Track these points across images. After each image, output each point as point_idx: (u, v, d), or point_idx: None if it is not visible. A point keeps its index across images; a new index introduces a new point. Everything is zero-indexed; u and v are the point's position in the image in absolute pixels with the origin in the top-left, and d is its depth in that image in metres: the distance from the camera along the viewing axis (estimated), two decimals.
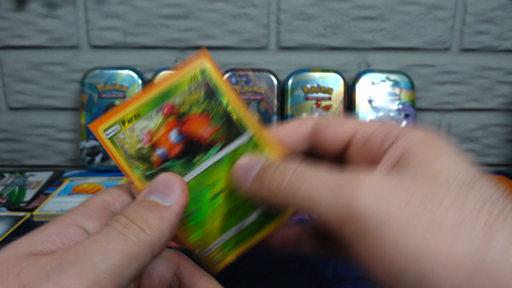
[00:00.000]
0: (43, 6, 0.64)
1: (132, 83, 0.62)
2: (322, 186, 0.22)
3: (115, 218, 0.22)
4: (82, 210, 0.23)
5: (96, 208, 0.24)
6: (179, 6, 0.64)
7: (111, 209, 0.24)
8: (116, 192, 0.25)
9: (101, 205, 0.24)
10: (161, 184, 0.24)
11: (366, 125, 0.26)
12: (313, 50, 0.66)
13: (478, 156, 0.70)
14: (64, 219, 0.22)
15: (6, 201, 0.53)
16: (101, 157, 0.62)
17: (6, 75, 0.66)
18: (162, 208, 0.23)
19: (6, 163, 0.70)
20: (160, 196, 0.23)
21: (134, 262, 0.20)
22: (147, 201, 0.23)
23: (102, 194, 0.25)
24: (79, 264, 0.19)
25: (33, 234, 0.21)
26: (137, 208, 0.22)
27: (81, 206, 0.24)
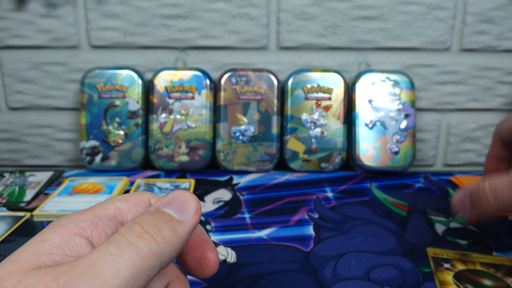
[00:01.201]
0: (43, 6, 0.64)
1: (132, 83, 0.62)
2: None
3: (127, 225, 0.21)
4: (91, 217, 0.23)
5: (105, 217, 0.23)
6: (179, 6, 0.64)
7: (121, 218, 0.24)
8: (133, 202, 0.25)
9: (113, 213, 0.23)
10: (178, 200, 0.24)
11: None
12: (313, 50, 0.66)
13: (478, 156, 0.70)
14: (69, 226, 0.21)
15: (6, 201, 0.53)
16: (101, 157, 0.62)
17: (6, 75, 0.66)
18: (176, 222, 0.22)
19: (6, 163, 0.70)
20: (175, 211, 0.23)
21: (144, 275, 0.20)
22: (162, 212, 0.23)
23: (118, 201, 0.24)
24: (89, 280, 0.18)
25: (37, 245, 0.20)
26: (152, 217, 0.22)
27: (92, 210, 0.23)
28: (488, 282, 0.37)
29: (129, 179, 0.59)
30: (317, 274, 0.39)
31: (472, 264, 0.40)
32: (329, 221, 0.48)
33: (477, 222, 0.38)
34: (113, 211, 0.24)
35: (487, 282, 0.37)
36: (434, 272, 0.39)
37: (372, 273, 0.39)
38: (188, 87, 0.62)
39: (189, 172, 0.63)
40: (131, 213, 0.24)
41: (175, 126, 0.62)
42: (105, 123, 0.62)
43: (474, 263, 0.40)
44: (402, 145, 0.61)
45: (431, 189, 0.57)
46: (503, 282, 0.37)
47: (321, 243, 0.44)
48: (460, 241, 0.44)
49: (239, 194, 0.55)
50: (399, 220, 0.48)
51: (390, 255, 0.42)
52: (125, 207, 0.24)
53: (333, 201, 0.53)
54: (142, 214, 0.23)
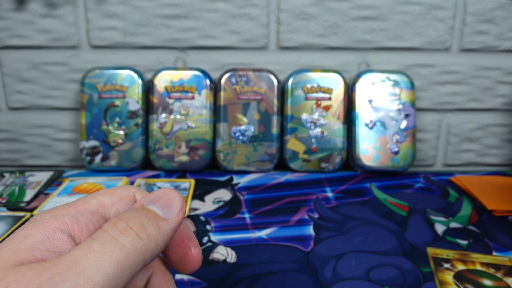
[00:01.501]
0: (43, 6, 0.64)
1: (132, 83, 0.62)
2: None
3: (111, 221, 0.21)
4: (73, 211, 0.22)
5: (87, 211, 0.23)
6: (179, 6, 0.64)
7: (104, 213, 0.24)
8: (117, 196, 0.25)
9: (95, 208, 0.23)
10: (163, 198, 0.24)
11: None
12: (313, 50, 0.66)
13: (478, 156, 0.70)
14: (51, 221, 0.21)
15: (6, 201, 0.53)
16: (101, 157, 0.62)
17: (6, 75, 0.66)
18: (160, 220, 0.22)
19: (6, 163, 0.70)
20: (160, 208, 0.23)
21: (127, 271, 0.20)
22: (147, 209, 0.23)
23: (101, 195, 0.24)
24: (72, 276, 0.18)
25: (18, 241, 0.20)
26: (136, 214, 0.22)
27: (74, 205, 0.23)
28: (488, 282, 0.37)
29: (129, 179, 0.59)
30: (317, 274, 0.39)
31: (472, 264, 0.40)
32: (329, 221, 0.48)
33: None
34: (95, 205, 0.24)
35: (487, 282, 0.37)
36: (434, 272, 0.39)
37: (372, 273, 0.39)
38: (188, 87, 0.62)
39: (189, 172, 0.63)
40: (114, 208, 0.24)
41: (175, 126, 0.62)
42: (105, 123, 0.62)
43: (474, 263, 0.40)
44: (402, 145, 0.61)
45: (431, 189, 0.57)
46: (503, 282, 0.37)
47: (321, 243, 0.44)
48: (460, 241, 0.44)
49: (239, 194, 0.55)
50: (399, 220, 0.48)
51: (390, 255, 0.42)
52: (108, 201, 0.24)
53: (333, 201, 0.53)
54: (127, 211, 0.23)
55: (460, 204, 0.53)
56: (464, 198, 0.54)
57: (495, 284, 0.37)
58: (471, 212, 0.51)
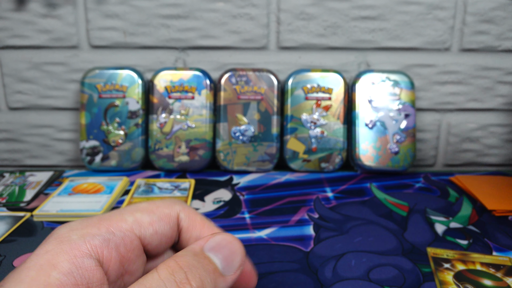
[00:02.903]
0: (43, 6, 0.64)
1: (132, 83, 0.62)
2: None
3: (170, 267, 0.20)
4: (104, 231, 0.21)
5: (121, 231, 0.22)
6: (179, 6, 0.64)
7: (140, 233, 0.22)
8: (157, 215, 0.23)
9: (130, 227, 0.22)
10: (226, 248, 0.22)
11: None
12: (313, 50, 0.66)
13: (478, 156, 0.70)
14: (79, 244, 0.20)
15: (6, 201, 0.53)
16: (101, 157, 0.62)
17: (6, 75, 0.66)
18: (219, 276, 0.21)
19: (6, 163, 0.70)
20: (221, 260, 0.22)
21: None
22: (207, 259, 0.21)
23: (140, 211, 0.23)
24: None
25: (45, 274, 0.19)
26: (197, 264, 0.21)
27: (106, 222, 0.22)
28: (488, 282, 0.37)
29: (129, 179, 0.59)
30: (317, 274, 0.39)
31: (472, 264, 0.40)
32: (329, 221, 0.48)
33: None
34: (131, 224, 0.22)
35: (487, 282, 0.37)
36: (434, 272, 0.39)
37: (372, 273, 0.39)
38: (188, 87, 0.62)
39: (189, 172, 0.63)
40: (152, 228, 0.23)
41: (175, 126, 0.62)
42: (105, 123, 0.62)
43: (474, 263, 0.40)
44: (402, 145, 0.61)
45: (431, 189, 0.57)
46: (503, 282, 0.37)
47: (321, 243, 0.44)
48: (460, 241, 0.44)
49: (239, 194, 0.55)
50: (399, 220, 0.48)
51: (390, 255, 0.42)
52: (146, 220, 0.23)
53: (333, 201, 0.53)
54: (186, 253, 0.21)
55: (460, 204, 0.53)
56: (464, 198, 0.54)
57: (495, 284, 0.37)
58: (471, 212, 0.51)
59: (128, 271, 0.22)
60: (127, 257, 0.22)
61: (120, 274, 0.21)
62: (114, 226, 0.22)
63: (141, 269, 0.23)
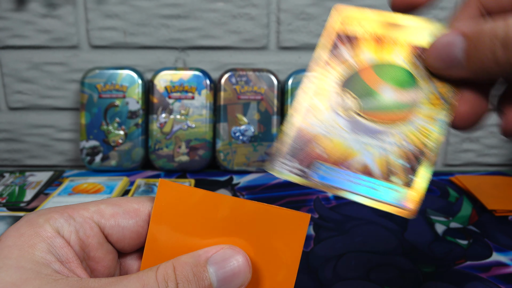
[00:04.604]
0: (43, 6, 0.64)
1: (132, 83, 0.62)
2: None
3: (167, 273, 0.21)
4: (65, 217, 0.22)
5: (81, 217, 0.23)
6: (179, 6, 0.64)
7: (99, 222, 0.23)
8: (124, 208, 0.24)
9: (90, 215, 0.23)
10: (230, 267, 0.22)
11: None
12: (313, 50, 0.66)
13: (478, 156, 0.70)
14: (46, 227, 0.21)
15: (6, 201, 0.53)
16: (101, 157, 0.62)
17: (6, 75, 0.66)
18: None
19: (6, 163, 0.70)
20: (219, 279, 0.21)
21: None
22: (205, 274, 0.21)
23: (105, 203, 0.24)
24: None
25: (28, 252, 0.20)
26: (192, 278, 0.21)
27: (70, 208, 0.23)
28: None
29: (129, 179, 0.59)
30: (317, 274, 0.39)
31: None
32: (329, 221, 0.48)
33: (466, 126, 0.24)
34: (92, 213, 0.23)
35: None
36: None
37: (372, 273, 0.39)
38: (188, 87, 0.62)
39: (189, 172, 0.63)
40: (113, 220, 0.23)
41: (175, 126, 0.62)
42: (105, 123, 0.62)
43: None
44: None
45: (431, 189, 0.57)
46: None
47: (321, 243, 0.44)
48: (460, 241, 0.44)
49: (239, 194, 0.55)
50: (399, 220, 0.48)
51: (390, 255, 0.42)
52: (109, 211, 0.24)
53: (333, 201, 0.53)
54: (188, 261, 0.21)
55: (460, 204, 0.53)
56: (464, 198, 0.54)
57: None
58: (471, 212, 0.51)
59: (91, 257, 0.23)
60: (87, 242, 0.23)
61: (82, 257, 0.22)
62: (75, 213, 0.23)
63: (109, 258, 0.24)
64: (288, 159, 0.24)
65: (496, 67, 0.22)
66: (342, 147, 0.24)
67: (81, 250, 0.22)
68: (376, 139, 0.24)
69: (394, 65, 0.25)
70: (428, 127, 0.23)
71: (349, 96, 0.25)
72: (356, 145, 0.24)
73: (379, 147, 0.23)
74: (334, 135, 0.24)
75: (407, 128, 0.24)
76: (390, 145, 0.23)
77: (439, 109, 0.24)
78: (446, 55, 0.23)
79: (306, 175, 0.24)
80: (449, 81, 0.24)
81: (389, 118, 0.24)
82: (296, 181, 0.24)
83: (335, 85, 0.25)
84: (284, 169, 0.24)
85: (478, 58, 0.22)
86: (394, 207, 0.22)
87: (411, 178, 0.23)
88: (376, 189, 0.23)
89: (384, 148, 0.23)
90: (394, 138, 0.23)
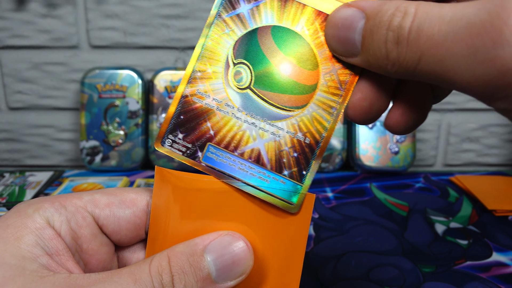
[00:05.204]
0: (43, 6, 0.64)
1: (132, 83, 0.62)
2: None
3: (161, 265, 0.19)
4: (57, 205, 0.21)
5: (73, 206, 0.22)
6: (179, 6, 0.64)
7: (93, 212, 0.22)
8: (119, 198, 0.23)
9: (84, 204, 0.22)
10: (230, 255, 0.20)
11: None
12: None
13: (478, 156, 0.70)
14: (35, 217, 0.20)
15: (6, 201, 0.53)
16: (101, 157, 0.62)
17: (6, 75, 0.66)
18: (209, 284, 0.20)
19: (6, 163, 0.70)
20: (217, 268, 0.20)
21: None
22: (203, 264, 0.20)
23: (100, 193, 0.23)
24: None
25: (13, 245, 0.19)
26: (189, 269, 0.20)
27: (63, 197, 0.22)
28: None
29: (129, 179, 0.59)
30: (317, 274, 0.39)
31: None
32: (329, 221, 0.48)
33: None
34: (85, 202, 0.22)
35: None
36: None
37: (372, 273, 0.39)
38: None
39: (189, 172, 0.63)
40: (109, 210, 0.22)
41: None
42: (105, 123, 0.62)
43: None
44: (402, 145, 0.61)
45: (431, 189, 0.57)
46: None
47: (321, 243, 0.44)
48: (460, 241, 0.44)
49: None
50: (399, 220, 0.48)
51: (390, 255, 0.42)
52: (104, 201, 0.22)
53: (333, 201, 0.53)
54: (184, 251, 0.20)
55: (460, 204, 0.53)
56: (464, 198, 0.54)
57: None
58: (471, 212, 0.51)
59: (84, 250, 0.22)
60: (79, 232, 0.21)
61: (75, 249, 0.21)
62: (67, 202, 0.22)
63: (103, 251, 0.23)
64: (178, 136, 0.22)
65: (386, 62, 0.18)
66: (235, 129, 0.22)
67: (73, 241, 0.21)
68: (270, 124, 0.22)
69: (295, 34, 0.21)
70: (323, 117, 0.22)
71: (243, 65, 0.22)
72: (250, 129, 0.22)
73: (272, 133, 0.22)
74: (226, 113, 0.22)
75: (303, 115, 0.21)
76: (283, 132, 0.22)
77: (336, 97, 0.21)
78: (344, 35, 0.19)
79: (197, 158, 0.22)
80: (348, 66, 0.21)
81: (285, 102, 0.22)
82: (186, 163, 0.22)
83: (230, 48, 0.22)
84: (174, 148, 0.22)
85: (371, 47, 0.18)
86: (281, 201, 0.21)
87: (300, 170, 0.22)
88: (267, 179, 0.22)
89: (278, 135, 0.22)
90: (288, 125, 0.22)
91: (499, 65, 0.14)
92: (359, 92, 0.21)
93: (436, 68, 0.16)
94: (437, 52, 0.16)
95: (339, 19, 0.20)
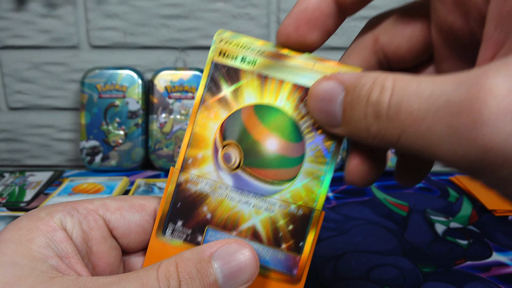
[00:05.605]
0: (43, 6, 0.64)
1: (132, 83, 0.62)
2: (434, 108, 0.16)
3: (169, 270, 0.20)
4: (69, 208, 0.22)
5: (85, 209, 0.22)
6: (179, 6, 0.64)
7: (104, 215, 0.23)
8: (129, 203, 0.23)
9: (95, 207, 0.22)
10: (236, 262, 0.21)
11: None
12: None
13: None
14: (47, 220, 0.21)
15: (6, 201, 0.53)
16: (101, 157, 0.62)
17: (6, 75, 0.66)
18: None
19: (6, 163, 0.70)
20: (224, 274, 0.20)
21: None
22: (210, 270, 0.20)
23: (110, 198, 0.23)
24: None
25: (25, 246, 0.19)
26: (196, 275, 0.20)
27: (74, 202, 0.22)
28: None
29: (129, 179, 0.59)
30: (317, 274, 0.39)
31: None
32: (329, 221, 0.48)
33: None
34: (97, 206, 0.23)
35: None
36: None
37: (372, 273, 0.39)
38: (188, 87, 0.62)
39: None
40: (119, 213, 0.23)
41: (175, 126, 0.62)
42: (105, 123, 0.62)
43: None
44: None
45: (431, 189, 0.57)
46: None
47: (321, 243, 0.44)
48: (460, 241, 0.44)
49: None
50: (399, 220, 0.48)
51: (390, 255, 0.42)
52: (114, 205, 0.23)
53: (333, 201, 0.53)
54: (192, 257, 0.20)
55: (460, 204, 0.53)
56: (464, 198, 0.54)
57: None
58: (471, 212, 0.51)
59: (94, 252, 0.22)
60: (90, 234, 0.22)
61: (85, 252, 0.22)
62: (79, 206, 0.22)
63: (112, 254, 0.23)
64: (177, 224, 0.23)
65: (367, 135, 0.18)
66: (231, 209, 0.22)
67: (84, 243, 0.22)
68: (263, 200, 0.22)
69: (277, 110, 0.22)
70: (312, 187, 0.22)
71: (231, 146, 0.23)
72: (245, 208, 0.22)
73: (266, 209, 0.22)
74: (220, 195, 0.22)
75: (294, 188, 0.22)
76: (276, 207, 0.22)
77: (323, 166, 0.22)
78: (325, 107, 0.20)
79: (199, 243, 0.22)
80: (332, 134, 0.22)
81: (274, 176, 0.22)
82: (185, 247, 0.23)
83: (218, 131, 0.23)
84: (174, 236, 0.23)
85: (352, 120, 0.19)
86: (281, 274, 0.22)
87: (297, 242, 0.22)
88: (264, 255, 0.22)
89: (272, 210, 0.22)
90: (280, 200, 0.22)
91: (480, 144, 0.15)
92: (356, 157, 0.22)
93: (418, 143, 0.17)
94: (418, 129, 0.16)
95: (320, 91, 0.20)
